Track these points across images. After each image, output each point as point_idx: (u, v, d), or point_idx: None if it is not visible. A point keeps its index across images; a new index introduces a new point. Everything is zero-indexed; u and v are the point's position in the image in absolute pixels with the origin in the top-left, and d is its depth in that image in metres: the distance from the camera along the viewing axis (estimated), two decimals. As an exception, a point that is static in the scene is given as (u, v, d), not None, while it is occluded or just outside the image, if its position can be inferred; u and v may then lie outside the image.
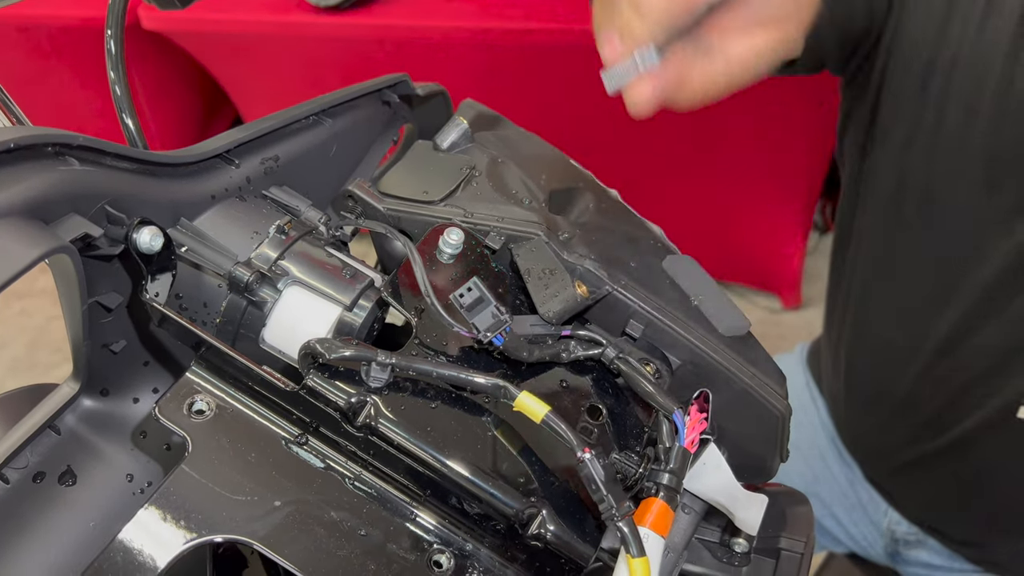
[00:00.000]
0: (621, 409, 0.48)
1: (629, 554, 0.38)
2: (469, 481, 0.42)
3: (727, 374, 0.50)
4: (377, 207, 0.54)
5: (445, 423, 0.44)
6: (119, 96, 0.55)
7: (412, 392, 0.44)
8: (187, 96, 2.22)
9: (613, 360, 0.47)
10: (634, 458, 0.45)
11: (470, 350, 0.47)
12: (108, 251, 0.42)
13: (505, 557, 0.43)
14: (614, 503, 0.39)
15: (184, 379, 0.45)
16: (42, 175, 0.39)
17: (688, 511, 0.49)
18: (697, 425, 0.43)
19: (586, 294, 0.49)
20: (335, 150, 0.58)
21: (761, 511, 0.47)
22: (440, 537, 0.44)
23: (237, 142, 0.51)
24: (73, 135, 0.41)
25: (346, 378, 0.43)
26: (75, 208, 0.40)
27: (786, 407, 0.51)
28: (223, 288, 0.47)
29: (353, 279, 0.48)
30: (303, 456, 0.44)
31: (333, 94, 0.58)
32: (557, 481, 0.43)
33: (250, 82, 2.01)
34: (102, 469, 0.48)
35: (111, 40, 0.56)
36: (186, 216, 0.48)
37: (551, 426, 0.41)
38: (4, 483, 0.45)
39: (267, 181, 0.53)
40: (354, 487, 0.44)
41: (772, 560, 0.50)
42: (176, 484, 0.42)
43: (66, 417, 0.48)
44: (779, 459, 0.53)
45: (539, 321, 0.48)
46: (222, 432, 0.44)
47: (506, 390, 0.42)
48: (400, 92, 0.63)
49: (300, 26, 1.74)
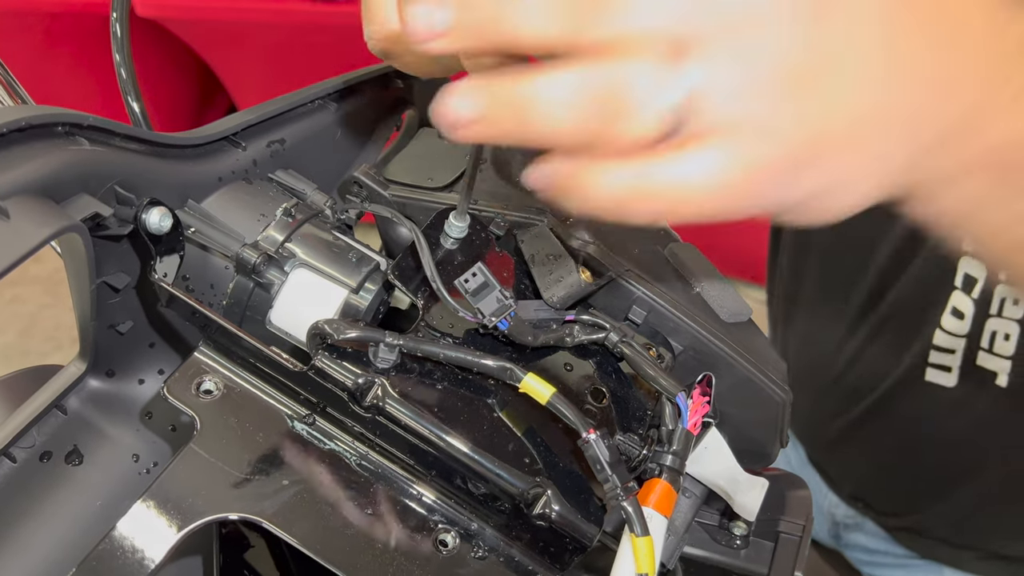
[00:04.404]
0: (624, 392, 0.48)
1: (633, 533, 0.39)
2: (474, 461, 0.43)
3: (729, 360, 0.50)
4: (382, 193, 0.54)
5: (451, 404, 0.44)
6: (124, 79, 0.55)
7: (419, 374, 0.45)
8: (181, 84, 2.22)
9: (617, 344, 0.48)
10: (637, 440, 0.45)
11: (475, 334, 0.48)
12: (117, 231, 0.43)
13: (510, 536, 0.44)
14: (619, 483, 0.40)
15: (192, 359, 0.46)
16: (52, 154, 0.39)
17: (689, 495, 0.50)
18: (700, 408, 0.44)
19: (590, 280, 0.49)
20: (339, 134, 0.58)
21: (761, 495, 0.48)
22: (446, 516, 0.44)
23: (244, 124, 0.51)
24: (83, 115, 0.41)
25: (353, 359, 0.44)
26: (85, 188, 0.41)
27: (787, 393, 0.51)
28: (230, 270, 0.47)
29: (359, 262, 0.48)
30: (310, 436, 0.45)
31: (338, 78, 0.58)
32: (561, 462, 0.44)
33: (245, 70, 2.01)
34: (108, 449, 0.48)
35: (116, 23, 0.56)
36: (193, 198, 0.48)
37: (556, 407, 0.41)
38: (11, 462, 0.45)
39: (273, 164, 0.53)
40: (361, 467, 0.45)
41: (771, 543, 0.51)
42: (185, 463, 0.42)
43: (72, 397, 0.48)
44: (779, 445, 0.54)
45: (543, 306, 0.49)
46: (230, 412, 0.44)
47: (512, 372, 0.43)
48: (403, 77, 0.63)
49: (296, 13, 1.74)
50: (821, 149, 0.29)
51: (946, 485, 0.89)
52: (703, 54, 0.27)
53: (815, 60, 0.28)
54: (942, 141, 0.31)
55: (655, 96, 0.27)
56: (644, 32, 0.26)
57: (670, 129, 0.28)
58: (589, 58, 0.27)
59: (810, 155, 0.29)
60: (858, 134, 0.29)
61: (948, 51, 0.30)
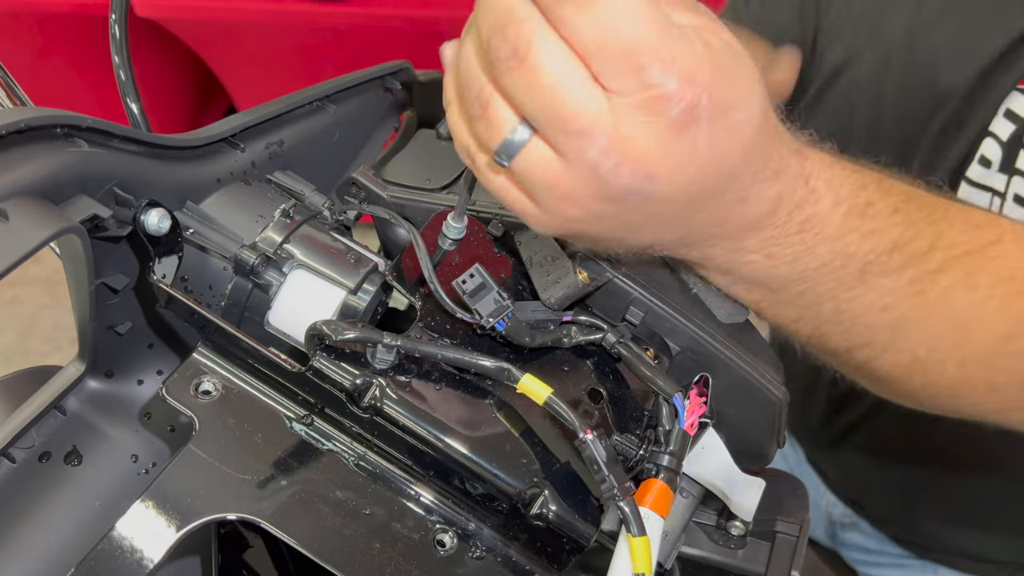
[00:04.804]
0: (621, 393, 0.48)
1: (630, 533, 0.39)
2: (472, 461, 0.43)
3: (726, 361, 0.50)
4: (380, 194, 0.54)
5: (449, 405, 0.44)
6: (123, 81, 0.55)
7: (417, 374, 0.45)
8: (181, 85, 2.22)
9: (614, 345, 0.48)
10: (634, 440, 0.46)
11: (473, 334, 0.48)
12: (116, 232, 0.43)
13: (507, 536, 0.44)
14: (615, 483, 0.40)
15: (191, 360, 0.46)
16: (52, 156, 0.39)
17: (686, 495, 0.50)
18: (697, 408, 0.44)
19: (587, 280, 0.50)
20: (338, 136, 0.59)
21: (758, 495, 0.48)
22: (444, 516, 0.44)
23: (242, 126, 0.51)
24: (82, 117, 0.41)
25: (352, 360, 0.44)
26: (84, 189, 0.41)
27: (784, 394, 0.51)
28: (228, 271, 0.48)
29: (357, 263, 0.48)
30: (308, 436, 0.45)
31: (336, 80, 0.59)
32: (559, 462, 0.44)
33: (244, 71, 2.01)
34: (107, 449, 0.48)
35: (115, 25, 0.56)
36: (192, 199, 0.48)
37: (554, 408, 0.41)
38: (10, 462, 0.46)
39: (271, 165, 0.53)
40: (359, 467, 0.45)
41: (768, 543, 0.51)
42: (183, 463, 0.42)
43: (71, 398, 0.48)
44: (776, 445, 0.54)
45: (541, 307, 0.49)
46: (228, 412, 0.44)
47: (509, 372, 0.43)
48: (402, 79, 0.64)
49: (296, 14, 1.74)
50: (577, 238, 0.43)
51: (943, 486, 0.89)
52: (544, 139, 0.36)
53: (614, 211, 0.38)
54: (674, 247, 0.44)
55: (499, 125, 0.36)
56: (519, 105, 0.35)
57: (506, 157, 0.37)
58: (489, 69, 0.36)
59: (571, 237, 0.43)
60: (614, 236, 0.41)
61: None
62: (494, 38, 0.34)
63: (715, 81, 0.34)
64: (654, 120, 0.34)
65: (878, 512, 0.96)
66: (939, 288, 0.46)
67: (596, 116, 0.34)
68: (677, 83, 0.33)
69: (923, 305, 0.46)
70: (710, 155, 0.36)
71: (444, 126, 0.60)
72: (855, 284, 0.45)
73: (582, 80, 0.34)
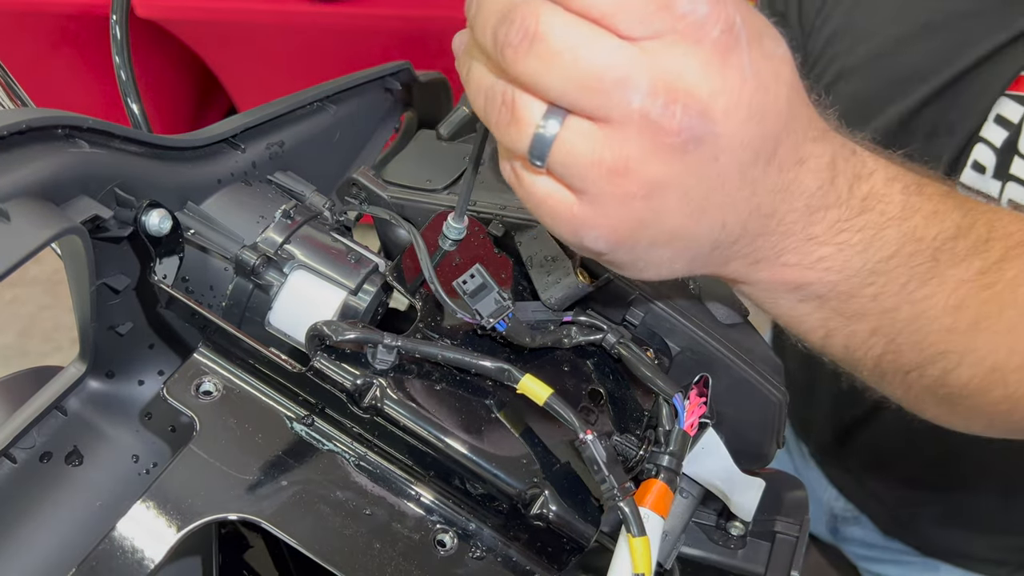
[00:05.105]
0: (621, 393, 0.48)
1: (630, 533, 0.39)
2: (472, 461, 0.43)
3: (725, 361, 0.50)
4: (381, 194, 0.54)
5: (449, 405, 0.44)
6: (124, 81, 0.56)
7: (417, 375, 0.45)
8: (181, 85, 2.22)
9: (614, 345, 0.48)
10: (634, 441, 0.46)
11: (473, 335, 0.48)
12: (117, 233, 0.43)
13: (508, 536, 0.44)
14: (616, 483, 0.40)
15: (192, 360, 0.46)
16: (53, 157, 0.39)
17: (686, 495, 0.50)
18: (697, 409, 0.44)
19: (587, 281, 0.50)
20: (338, 136, 0.59)
21: (758, 495, 0.48)
22: (444, 517, 0.44)
23: (243, 127, 0.51)
24: (83, 117, 0.41)
25: (352, 360, 0.44)
26: (85, 190, 0.41)
27: (784, 394, 0.51)
28: (229, 271, 0.48)
29: (358, 263, 0.48)
30: (309, 437, 0.45)
31: (336, 81, 0.59)
32: (559, 462, 0.44)
33: (245, 71, 2.01)
34: (108, 450, 0.48)
35: (116, 26, 0.56)
36: (193, 200, 0.48)
37: (554, 408, 0.41)
38: (11, 463, 0.46)
39: (272, 166, 0.53)
40: (359, 467, 0.45)
41: (767, 543, 0.51)
42: (184, 463, 0.42)
43: (72, 398, 0.48)
44: (775, 445, 0.54)
45: (541, 307, 0.49)
46: (229, 413, 0.44)
47: (510, 373, 0.43)
48: (402, 80, 0.64)
49: (296, 14, 1.74)
50: (635, 240, 0.36)
51: (945, 483, 0.89)
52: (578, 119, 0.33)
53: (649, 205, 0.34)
54: (704, 264, 0.40)
55: (528, 122, 0.33)
56: (543, 87, 0.32)
57: (539, 156, 0.33)
58: (503, 71, 0.33)
59: (628, 240, 0.36)
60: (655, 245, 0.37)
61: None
62: (500, 30, 0.32)
63: (739, 4, 0.32)
64: (696, 48, 0.31)
65: (878, 511, 0.96)
66: (1006, 280, 0.43)
67: (630, 62, 0.31)
68: (708, 6, 0.31)
69: (994, 300, 0.43)
70: (758, 86, 0.33)
71: (444, 127, 0.60)
72: (928, 277, 0.42)
73: (602, 35, 0.31)
